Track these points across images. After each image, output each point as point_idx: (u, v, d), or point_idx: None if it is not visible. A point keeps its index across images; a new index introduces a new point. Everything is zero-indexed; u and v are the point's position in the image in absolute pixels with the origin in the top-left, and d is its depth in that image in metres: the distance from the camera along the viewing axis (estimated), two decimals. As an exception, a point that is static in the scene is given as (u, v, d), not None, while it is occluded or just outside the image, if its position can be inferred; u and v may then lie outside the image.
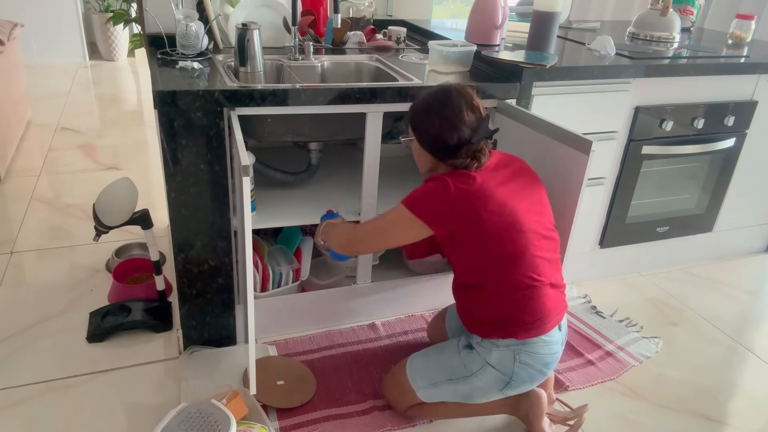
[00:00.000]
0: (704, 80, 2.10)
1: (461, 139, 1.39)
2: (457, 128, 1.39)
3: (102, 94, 4.40)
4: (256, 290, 1.83)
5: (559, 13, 1.93)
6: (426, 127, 1.44)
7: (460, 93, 1.41)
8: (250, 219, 1.31)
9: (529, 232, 1.39)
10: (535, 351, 1.41)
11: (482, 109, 1.42)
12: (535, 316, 1.40)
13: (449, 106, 1.40)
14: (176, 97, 1.47)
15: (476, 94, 1.44)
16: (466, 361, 1.47)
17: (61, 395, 1.64)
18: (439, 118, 1.41)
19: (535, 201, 1.45)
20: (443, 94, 1.42)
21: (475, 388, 1.47)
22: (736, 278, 2.45)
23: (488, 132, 1.41)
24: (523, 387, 1.46)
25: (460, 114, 1.39)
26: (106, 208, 1.72)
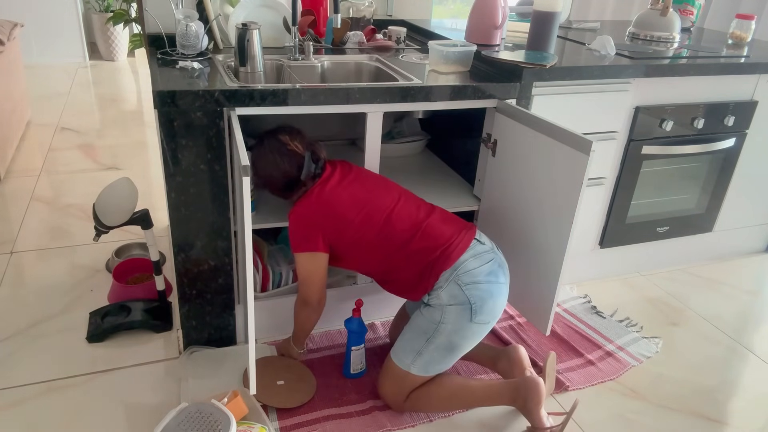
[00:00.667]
0: (704, 80, 2.10)
1: (289, 179, 1.58)
2: (281, 174, 1.58)
3: (102, 94, 4.40)
4: (256, 290, 1.83)
5: (559, 13, 1.93)
6: (260, 177, 1.63)
7: (272, 145, 1.58)
8: (250, 219, 1.31)
9: (388, 199, 1.57)
10: (468, 268, 1.50)
11: (301, 148, 1.57)
12: (442, 241, 1.53)
13: (267, 161, 1.58)
14: (176, 97, 1.47)
15: (292, 135, 1.59)
16: (429, 317, 1.54)
17: (61, 395, 1.64)
18: (264, 169, 1.60)
19: (373, 182, 1.62)
20: (262, 147, 1.60)
21: (450, 334, 1.52)
22: (736, 278, 2.45)
23: (312, 166, 1.57)
24: (488, 304, 1.51)
25: (277, 165, 1.57)
26: (106, 208, 1.72)
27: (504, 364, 1.71)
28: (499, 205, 1.86)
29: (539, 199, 1.67)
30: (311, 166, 1.57)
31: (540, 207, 1.67)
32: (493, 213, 1.90)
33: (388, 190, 1.62)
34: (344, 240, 1.57)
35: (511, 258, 1.76)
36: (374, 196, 1.58)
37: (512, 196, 1.79)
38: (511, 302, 1.91)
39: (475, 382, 1.63)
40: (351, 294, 1.93)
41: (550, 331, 1.79)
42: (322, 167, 1.60)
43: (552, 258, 1.64)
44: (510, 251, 1.78)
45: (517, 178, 1.76)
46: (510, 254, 1.77)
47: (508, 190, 1.81)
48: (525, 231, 1.74)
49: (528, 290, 1.76)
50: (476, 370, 1.82)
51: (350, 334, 1.71)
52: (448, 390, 1.59)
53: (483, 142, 1.90)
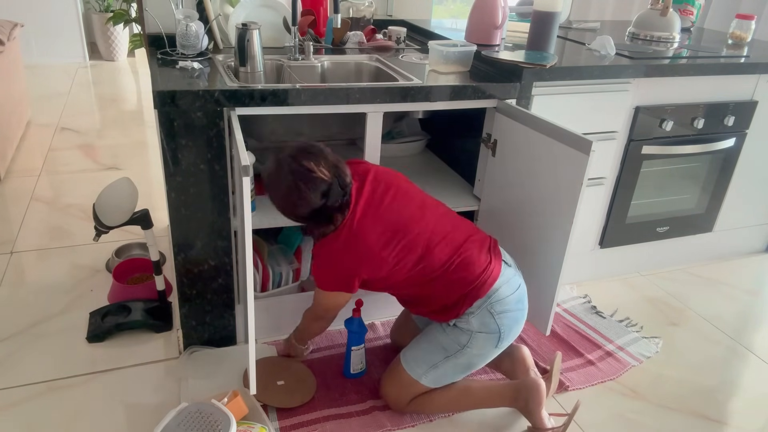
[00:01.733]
0: (704, 80, 2.10)
1: (313, 209, 1.39)
2: (303, 204, 1.38)
3: (102, 94, 4.40)
4: (256, 290, 1.83)
5: (559, 13, 1.93)
6: (275, 202, 1.44)
7: (295, 171, 1.36)
8: (250, 219, 1.31)
9: (424, 224, 1.47)
10: (502, 296, 1.48)
11: (327, 174, 1.37)
12: (480, 271, 1.47)
13: (286, 188, 1.38)
14: (176, 97, 1.47)
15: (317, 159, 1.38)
16: (454, 338, 1.52)
17: (61, 395, 1.64)
18: (281, 197, 1.41)
19: (413, 198, 1.51)
20: (277, 173, 1.39)
21: (472, 357, 1.52)
22: (736, 278, 2.45)
23: (340, 193, 1.39)
24: (513, 332, 1.52)
25: (299, 193, 1.37)
26: (106, 208, 1.72)
27: (507, 364, 1.71)
28: (499, 205, 1.86)
29: (539, 199, 1.67)
30: (339, 194, 1.39)
31: (540, 207, 1.67)
32: (493, 213, 1.90)
33: (423, 210, 1.50)
34: (378, 276, 1.47)
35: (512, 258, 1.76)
36: (410, 222, 1.46)
37: (512, 196, 1.79)
38: (511, 302, 1.91)
39: (476, 383, 1.63)
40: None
41: (550, 331, 1.79)
42: (349, 193, 1.43)
43: (552, 258, 1.64)
44: (510, 251, 1.78)
45: (517, 178, 1.76)
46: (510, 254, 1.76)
47: (508, 190, 1.81)
48: (525, 231, 1.74)
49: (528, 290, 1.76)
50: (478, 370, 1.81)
51: (350, 334, 1.71)
52: (450, 393, 1.59)
53: (483, 142, 1.90)
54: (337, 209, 1.41)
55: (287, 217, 1.46)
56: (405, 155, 2.34)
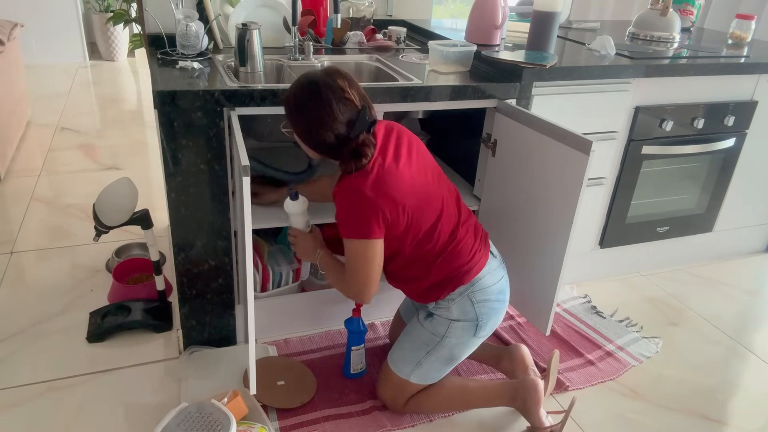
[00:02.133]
0: (704, 80, 2.10)
1: (338, 136, 1.33)
2: (330, 127, 1.31)
3: (102, 94, 4.40)
4: (256, 290, 1.83)
5: (559, 13, 1.92)
6: (298, 124, 1.37)
7: (329, 86, 1.30)
8: (250, 219, 1.31)
9: (438, 199, 1.45)
10: (484, 285, 1.48)
11: (357, 100, 1.33)
12: (468, 259, 1.47)
13: (317, 103, 1.30)
14: (176, 97, 1.47)
15: (350, 82, 1.33)
16: (432, 329, 1.52)
17: (61, 395, 1.64)
18: (308, 116, 1.32)
19: (430, 167, 1.48)
20: (310, 87, 1.31)
21: (452, 347, 1.52)
22: (736, 278, 2.45)
23: (366, 125, 1.34)
24: (492, 322, 1.52)
25: (330, 111, 1.30)
26: (106, 208, 1.72)
27: (506, 363, 1.71)
28: (499, 205, 1.86)
29: (539, 199, 1.67)
30: (364, 126, 1.33)
31: (540, 207, 1.67)
32: (493, 213, 1.90)
33: (438, 180, 1.47)
34: (392, 232, 1.40)
35: (511, 258, 1.76)
36: (428, 187, 1.42)
37: (512, 196, 1.79)
38: (511, 302, 1.91)
39: (473, 383, 1.63)
40: (351, 294, 1.92)
41: (550, 331, 1.79)
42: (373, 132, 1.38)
43: (552, 258, 1.64)
44: (510, 251, 1.78)
45: (517, 178, 1.76)
46: (510, 254, 1.77)
47: (508, 190, 1.81)
48: (525, 231, 1.74)
49: (528, 290, 1.76)
50: (476, 370, 1.82)
51: (350, 334, 1.71)
52: (447, 392, 1.59)
53: (483, 142, 1.90)
54: (361, 145, 1.33)
55: (308, 144, 1.38)
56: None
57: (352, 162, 1.34)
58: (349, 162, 1.34)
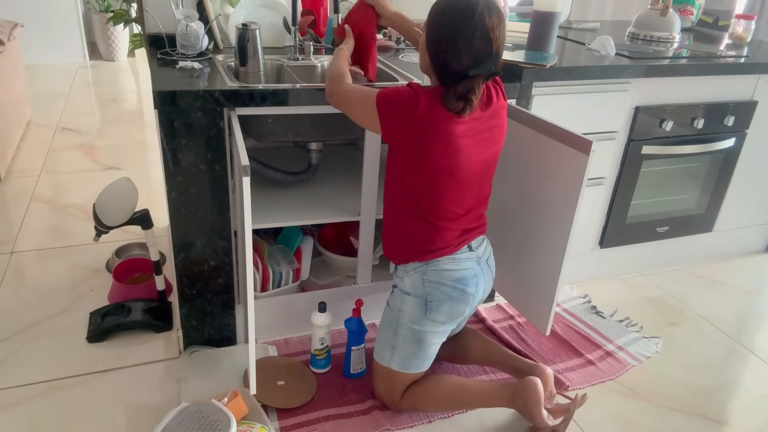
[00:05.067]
0: (704, 80, 2.10)
1: (460, 65, 1.29)
2: (459, 52, 1.28)
3: (102, 94, 4.40)
4: (256, 290, 1.83)
5: (559, 13, 1.92)
6: (434, 34, 1.32)
7: (483, 15, 1.26)
8: (250, 219, 1.31)
9: (464, 184, 1.43)
10: (440, 268, 1.48)
11: (496, 44, 1.28)
12: (438, 245, 1.47)
13: (463, 23, 1.26)
14: (176, 97, 1.47)
15: (500, 21, 1.29)
16: (392, 304, 1.56)
17: (61, 395, 1.64)
18: (448, 32, 1.29)
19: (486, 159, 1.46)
20: (467, 5, 1.27)
21: (410, 324, 1.52)
22: (736, 278, 2.45)
23: (489, 71, 1.30)
24: (445, 308, 1.49)
25: (470, 38, 1.26)
26: (106, 208, 1.72)
27: None
28: (499, 205, 1.86)
29: (539, 199, 1.67)
30: (488, 71, 1.29)
31: (540, 207, 1.67)
32: (493, 213, 1.90)
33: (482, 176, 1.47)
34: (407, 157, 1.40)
35: (512, 258, 1.76)
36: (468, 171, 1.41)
37: (512, 196, 1.79)
38: (511, 302, 1.91)
39: (472, 382, 1.62)
40: (351, 294, 1.92)
41: (550, 331, 1.78)
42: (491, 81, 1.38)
43: (552, 258, 1.64)
44: (510, 251, 1.78)
45: (517, 178, 1.76)
46: (510, 254, 1.77)
47: (508, 190, 1.81)
48: (525, 231, 1.74)
49: (528, 290, 1.76)
50: (476, 371, 1.82)
51: (350, 334, 1.71)
52: (444, 390, 1.59)
53: (483, 142, 1.90)
54: (473, 89, 1.30)
55: (428, 52, 1.35)
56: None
57: (455, 101, 1.31)
58: (452, 99, 1.31)
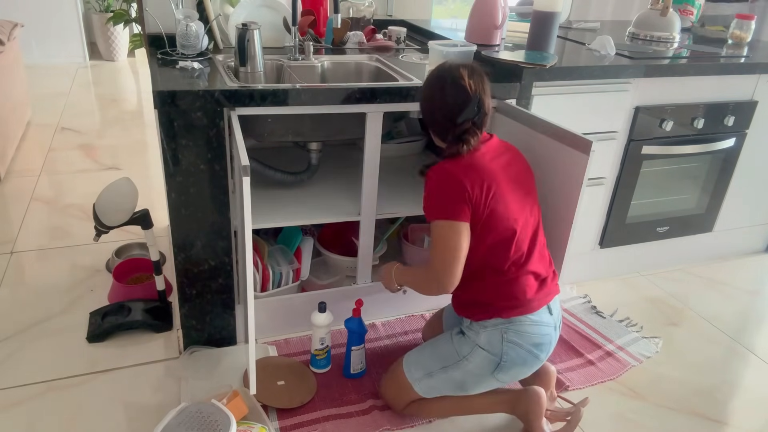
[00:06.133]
0: (704, 80, 2.10)
1: (445, 117, 1.42)
2: (438, 105, 1.43)
3: (102, 94, 4.40)
4: (256, 290, 1.83)
5: (559, 13, 1.93)
6: (422, 102, 1.49)
7: (450, 71, 1.42)
8: (250, 219, 1.31)
9: (519, 222, 1.43)
10: (522, 330, 1.43)
11: (473, 89, 1.40)
12: (519, 300, 1.43)
13: (436, 83, 1.43)
14: (176, 97, 1.47)
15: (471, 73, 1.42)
16: (457, 346, 1.49)
17: (61, 395, 1.64)
18: (428, 95, 1.45)
19: (528, 190, 1.49)
20: (437, 71, 1.45)
21: (467, 373, 1.48)
22: (736, 278, 2.45)
23: (473, 114, 1.41)
24: (515, 370, 1.46)
25: (443, 92, 1.41)
26: (106, 208, 1.72)
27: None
28: (499, 205, 1.86)
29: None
30: (472, 113, 1.40)
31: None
32: (493, 213, 1.90)
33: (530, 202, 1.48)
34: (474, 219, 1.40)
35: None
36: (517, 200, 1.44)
37: (512, 196, 1.79)
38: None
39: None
40: (351, 294, 1.93)
41: (550, 331, 1.78)
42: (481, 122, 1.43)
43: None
44: (510, 251, 1.78)
45: (517, 178, 1.76)
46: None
47: (508, 190, 1.80)
48: (525, 231, 1.74)
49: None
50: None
51: (350, 334, 1.71)
52: (449, 401, 1.57)
53: (483, 142, 1.90)
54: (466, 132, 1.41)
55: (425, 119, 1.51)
56: (405, 155, 2.34)
57: (455, 146, 1.41)
58: (452, 146, 1.42)
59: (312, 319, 1.71)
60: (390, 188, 2.02)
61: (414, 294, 2.03)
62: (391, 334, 1.96)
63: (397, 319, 2.03)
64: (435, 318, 1.84)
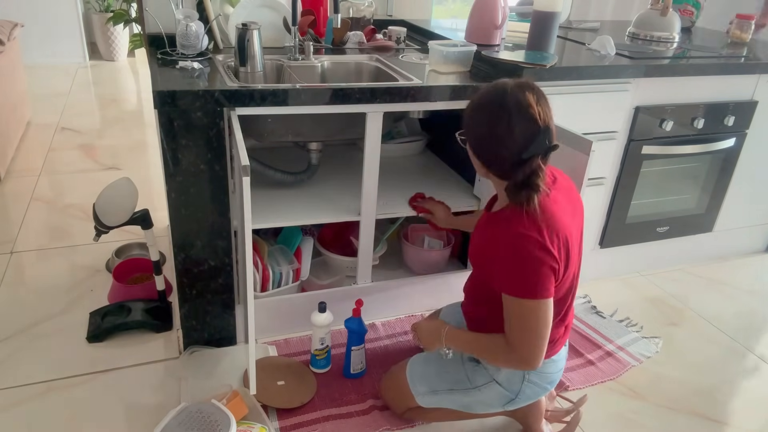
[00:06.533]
0: (704, 80, 2.09)
1: (511, 153, 1.20)
2: (504, 140, 1.19)
3: (102, 94, 4.40)
4: (256, 290, 1.83)
5: (559, 13, 1.92)
6: (473, 131, 1.27)
7: (516, 96, 1.19)
8: (250, 219, 1.31)
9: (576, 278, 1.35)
10: (544, 371, 1.39)
11: (541, 118, 1.19)
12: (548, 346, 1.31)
13: (499, 111, 1.19)
14: (176, 97, 1.47)
15: (539, 98, 1.21)
16: (470, 375, 1.43)
17: (61, 395, 1.64)
18: (486, 124, 1.22)
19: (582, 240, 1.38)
20: (497, 94, 1.21)
21: (476, 401, 1.44)
22: (736, 278, 2.45)
23: (543, 148, 1.19)
24: (525, 402, 1.45)
25: (509, 122, 1.18)
26: (106, 208, 1.72)
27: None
28: (499, 205, 1.86)
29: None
30: (543, 146, 1.18)
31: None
32: (493, 213, 1.90)
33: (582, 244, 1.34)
34: None
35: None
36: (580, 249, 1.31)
37: (512, 196, 1.79)
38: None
39: None
40: (351, 294, 1.93)
41: (550, 331, 1.78)
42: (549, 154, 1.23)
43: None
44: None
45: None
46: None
47: (508, 190, 1.80)
48: (525, 231, 1.74)
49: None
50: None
51: (350, 334, 1.71)
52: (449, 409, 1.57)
53: (483, 142, 1.89)
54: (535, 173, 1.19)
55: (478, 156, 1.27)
56: (405, 155, 2.34)
57: (522, 191, 1.20)
58: (518, 191, 1.20)
59: (312, 319, 1.71)
60: (390, 188, 2.02)
61: (415, 294, 2.04)
62: (391, 334, 1.96)
63: (397, 319, 2.03)
64: (433, 317, 1.84)
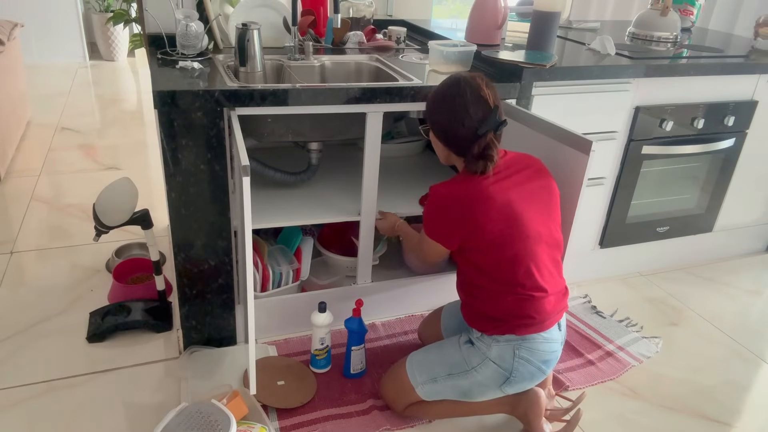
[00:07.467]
0: (704, 80, 2.10)
1: (468, 130, 1.40)
2: (462, 119, 1.40)
3: (102, 94, 4.40)
4: (256, 290, 1.83)
5: (559, 13, 1.93)
6: (435, 117, 1.47)
7: (468, 82, 1.42)
8: (250, 219, 1.31)
9: (531, 239, 1.41)
10: (534, 347, 1.43)
11: (491, 100, 1.41)
12: (534, 318, 1.42)
13: (456, 96, 1.41)
14: (176, 97, 1.47)
15: (487, 83, 1.43)
16: (466, 356, 1.48)
17: (61, 395, 1.64)
18: (446, 108, 1.43)
19: (543, 205, 1.46)
20: (453, 83, 1.44)
21: (474, 383, 1.47)
22: (736, 278, 2.45)
23: (495, 123, 1.41)
24: (522, 384, 1.46)
25: (465, 104, 1.40)
26: (106, 208, 1.72)
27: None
28: (499, 205, 1.86)
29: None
30: (493, 124, 1.40)
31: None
32: (493, 213, 1.90)
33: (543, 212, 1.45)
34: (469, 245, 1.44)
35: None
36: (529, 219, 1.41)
37: (512, 196, 1.79)
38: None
39: None
40: (351, 294, 1.93)
41: (550, 331, 1.78)
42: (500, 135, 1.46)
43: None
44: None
45: (517, 178, 1.75)
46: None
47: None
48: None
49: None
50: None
51: (350, 334, 1.71)
52: (449, 403, 1.57)
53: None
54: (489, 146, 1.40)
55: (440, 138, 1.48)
56: (405, 155, 2.34)
57: (479, 161, 1.41)
58: (476, 161, 1.41)
59: (312, 319, 1.71)
60: (390, 188, 2.02)
61: (414, 294, 2.04)
62: (391, 334, 1.96)
63: (397, 319, 2.03)
64: (433, 316, 1.84)
